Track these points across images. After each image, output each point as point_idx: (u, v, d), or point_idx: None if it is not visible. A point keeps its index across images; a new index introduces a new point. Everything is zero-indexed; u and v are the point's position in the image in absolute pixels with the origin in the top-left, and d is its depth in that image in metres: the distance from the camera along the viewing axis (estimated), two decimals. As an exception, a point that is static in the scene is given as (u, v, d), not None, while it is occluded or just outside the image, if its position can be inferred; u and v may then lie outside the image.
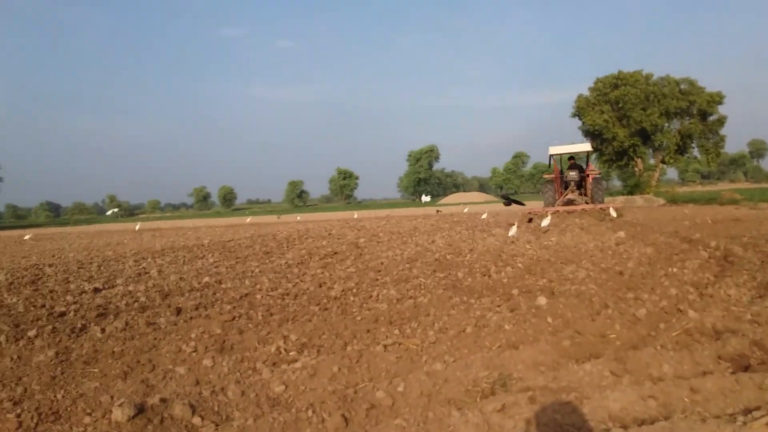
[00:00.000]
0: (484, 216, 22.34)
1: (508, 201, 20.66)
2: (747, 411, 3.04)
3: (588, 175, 21.12)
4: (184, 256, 13.43)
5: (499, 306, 6.12)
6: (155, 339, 5.54)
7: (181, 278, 9.36)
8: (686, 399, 3.27)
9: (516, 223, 15.29)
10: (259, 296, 7.44)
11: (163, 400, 3.79)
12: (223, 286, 8.44)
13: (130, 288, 8.56)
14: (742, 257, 8.37)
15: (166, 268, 11.05)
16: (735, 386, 3.40)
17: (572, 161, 22.00)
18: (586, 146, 22.98)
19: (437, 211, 34.82)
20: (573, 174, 21.29)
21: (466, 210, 37.37)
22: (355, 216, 39.25)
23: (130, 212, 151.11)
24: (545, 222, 15.74)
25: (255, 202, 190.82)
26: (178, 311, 6.71)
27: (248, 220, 46.95)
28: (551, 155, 21.77)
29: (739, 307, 5.51)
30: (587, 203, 20.19)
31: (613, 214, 17.85)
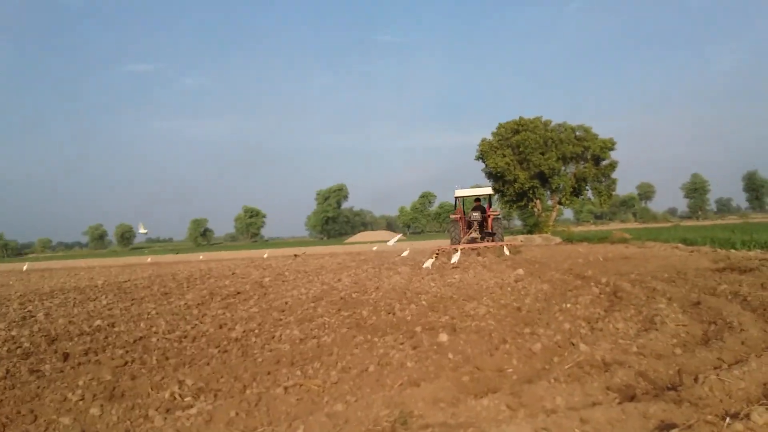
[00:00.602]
0: (405, 253, 23.01)
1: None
2: (632, 439, 3.17)
3: (489, 216, 22.92)
4: (75, 298, 12.69)
5: (402, 344, 6.15)
6: (38, 387, 5.16)
7: (70, 322, 8.82)
8: (577, 430, 3.38)
9: (432, 257, 15.60)
10: (154, 339, 7.11)
11: (42, 454, 3.51)
12: (116, 329, 8.01)
13: (13, 333, 7.97)
14: (630, 293, 8.87)
15: (54, 311, 10.38)
16: (621, 416, 3.55)
17: (477, 203, 23.77)
18: (488, 190, 25.13)
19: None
20: (476, 215, 23.04)
21: (374, 248, 37.71)
22: (265, 255, 38.58)
23: (17, 252, 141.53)
24: (454, 258, 16.34)
25: (156, 240, 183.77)
26: (66, 357, 6.30)
27: (149, 259, 45.17)
28: (456, 197, 23.79)
29: (626, 340, 5.81)
30: (489, 241, 21.88)
31: (506, 252, 19.10)
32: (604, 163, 49.28)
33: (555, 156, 48.05)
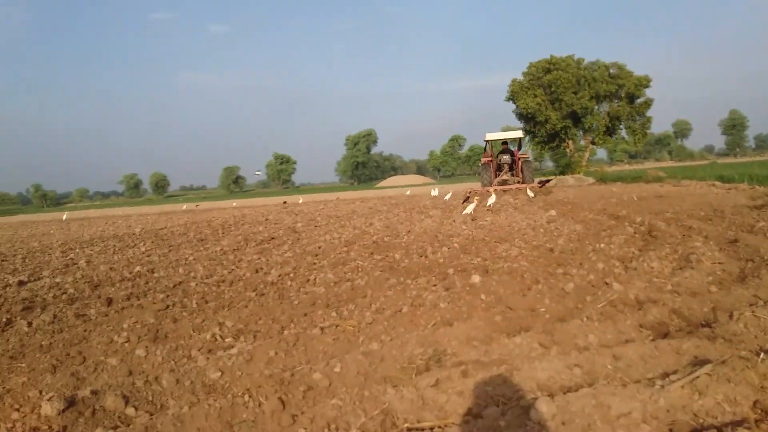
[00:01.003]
0: (448, 196, 22.91)
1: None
2: (665, 375, 3.20)
3: (519, 159, 23.49)
4: (114, 246, 13.05)
5: (434, 285, 6.23)
6: (85, 331, 5.38)
7: (111, 268, 9.10)
8: (609, 366, 3.42)
9: (474, 202, 15.53)
10: (193, 284, 7.32)
11: (94, 392, 3.70)
12: (155, 275, 8.26)
13: (58, 280, 8.27)
14: (665, 231, 8.77)
15: (95, 259, 10.71)
16: (654, 352, 3.58)
17: (505, 146, 24.41)
18: (518, 133, 25.70)
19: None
20: (506, 158, 23.85)
21: (408, 192, 37.85)
22: (300, 201, 38.89)
23: (56, 201, 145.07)
24: (490, 201, 16.31)
25: (189, 188, 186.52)
26: (109, 302, 6.53)
27: (184, 207, 45.97)
28: (486, 141, 24.38)
29: (660, 279, 5.79)
30: (519, 183, 22.47)
31: (530, 194, 19.17)
32: (638, 101, 47.83)
33: (588, 95, 46.80)
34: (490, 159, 24.07)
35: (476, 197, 17.63)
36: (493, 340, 4.33)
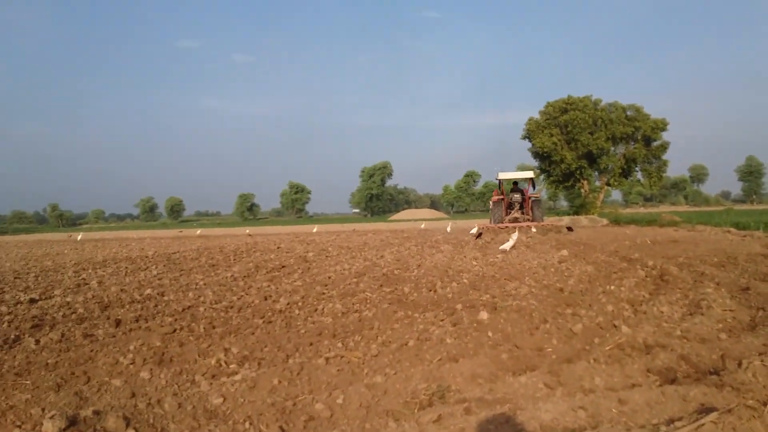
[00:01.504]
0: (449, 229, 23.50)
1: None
2: (670, 421, 3.16)
3: (529, 198, 24.23)
4: (127, 268, 13.14)
5: (442, 320, 6.21)
6: (92, 351, 5.40)
7: (122, 290, 9.16)
8: (614, 410, 3.38)
9: (513, 239, 15.35)
10: (202, 309, 7.34)
11: (96, 413, 3.70)
12: (165, 298, 8.30)
13: (68, 299, 8.32)
14: (676, 276, 8.71)
15: (107, 280, 10.79)
16: (661, 398, 3.54)
17: (515, 185, 25.21)
18: (529, 173, 26.11)
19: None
20: (517, 196, 24.54)
21: (422, 226, 37.96)
22: (314, 230, 39.00)
23: (72, 222, 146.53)
24: (509, 244, 15.72)
25: (204, 214, 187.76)
26: (118, 323, 6.56)
27: (198, 232, 46.26)
28: (499, 179, 25.19)
29: (670, 324, 5.74)
30: (529, 221, 23.06)
31: (533, 230, 19.72)
32: (655, 143, 47.92)
33: (604, 136, 46.96)
34: (501, 197, 24.69)
35: (513, 233, 17.65)
36: (498, 378, 4.30)
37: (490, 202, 25.45)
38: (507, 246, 14.10)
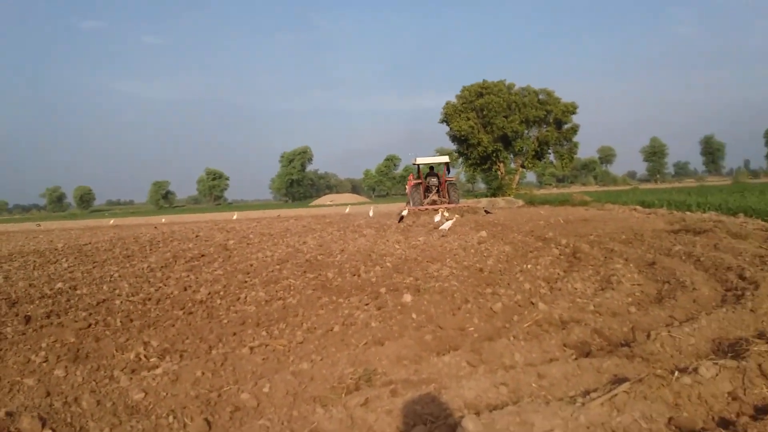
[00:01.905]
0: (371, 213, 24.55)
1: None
2: (586, 393, 3.31)
3: (445, 182, 25.52)
4: (35, 261, 12.46)
5: (366, 304, 6.25)
6: (0, 350, 5.10)
7: (30, 285, 8.68)
8: (534, 384, 3.52)
9: (447, 220, 15.40)
10: (118, 302, 7.07)
11: (9, 414, 3.51)
12: (78, 292, 7.93)
13: (-29, 297, 7.81)
14: (588, 253, 9.12)
15: (13, 274, 10.19)
16: (577, 371, 3.71)
17: (431, 170, 26.45)
18: (445, 158, 27.40)
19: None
20: (434, 180, 25.66)
21: (347, 210, 38.02)
22: (234, 217, 38.15)
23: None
24: (445, 225, 16.04)
25: (116, 203, 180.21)
26: (27, 320, 6.22)
27: (111, 222, 44.41)
28: (417, 165, 26.00)
29: (583, 299, 6.02)
30: (446, 203, 24.22)
31: (446, 213, 20.10)
32: (566, 126, 49.73)
33: (518, 119, 48.29)
34: (419, 181, 25.59)
35: (436, 215, 17.88)
36: (422, 359, 4.38)
37: (407, 187, 26.04)
38: (446, 226, 14.26)
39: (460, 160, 53.36)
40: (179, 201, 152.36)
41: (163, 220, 43.43)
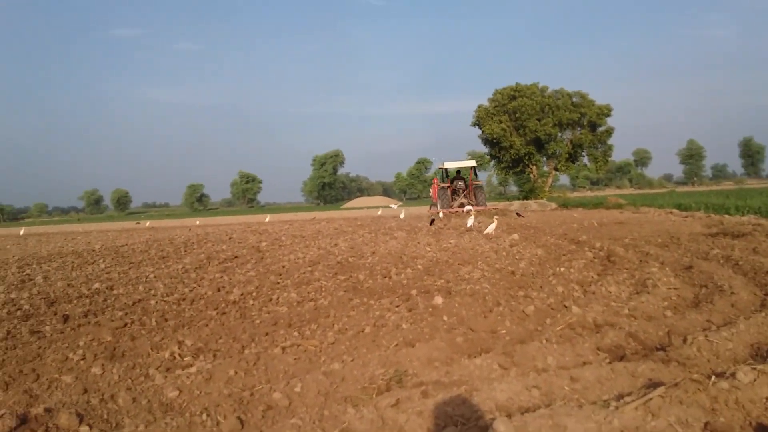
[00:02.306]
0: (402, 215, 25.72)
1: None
2: (620, 396, 3.26)
3: (471, 185, 26.46)
4: (73, 262, 12.76)
5: (397, 306, 6.25)
6: (40, 348, 5.25)
7: (69, 285, 8.90)
8: (566, 388, 3.48)
9: (494, 221, 15.38)
10: (153, 302, 7.20)
11: (48, 410, 3.61)
12: (114, 292, 8.10)
13: (13, 296, 8.04)
14: (623, 257, 8.98)
15: (52, 275, 10.45)
16: (611, 374, 3.66)
17: (458, 173, 27.22)
18: (471, 162, 28.19)
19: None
20: (461, 183, 26.55)
21: (379, 212, 38.14)
22: (267, 220, 38.51)
23: (14, 216, 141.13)
24: (470, 222, 17.05)
25: (152, 205, 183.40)
26: (66, 319, 6.38)
27: (147, 224, 45.23)
28: (446, 168, 27.07)
29: (618, 303, 5.93)
30: (474, 206, 24.61)
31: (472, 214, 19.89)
32: (600, 129, 49.13)
33: (551, 122, 47.88)
34: (446, 185, 26.22)
35: (469, 217, 17.90)
36: (454, 361, 4.36)
37: (431, 190, 27.36)
38: (490, 229, 14.22)
39: (492, 163, 53.08)
40: (213, 203, 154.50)
41: (198, 222, 44.07)
